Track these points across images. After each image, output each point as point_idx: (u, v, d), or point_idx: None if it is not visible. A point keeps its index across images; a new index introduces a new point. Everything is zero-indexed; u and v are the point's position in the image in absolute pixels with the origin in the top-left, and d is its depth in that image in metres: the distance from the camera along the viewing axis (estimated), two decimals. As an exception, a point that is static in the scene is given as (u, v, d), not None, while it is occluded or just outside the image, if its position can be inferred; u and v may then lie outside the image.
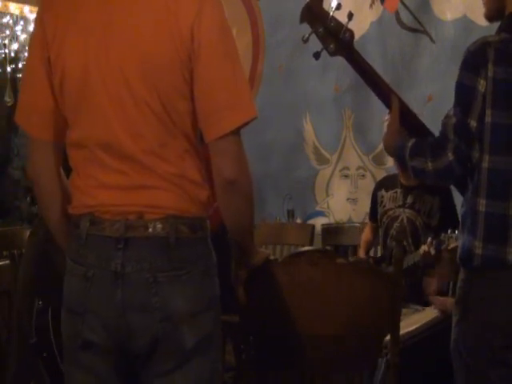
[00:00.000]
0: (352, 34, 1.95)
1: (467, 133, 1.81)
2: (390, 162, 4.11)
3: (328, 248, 3.68)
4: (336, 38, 1.94)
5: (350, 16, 1.93)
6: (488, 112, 1.80)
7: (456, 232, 2.86)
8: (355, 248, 3.83)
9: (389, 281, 1.86)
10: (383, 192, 3.41)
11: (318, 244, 4.04)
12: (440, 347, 2.35)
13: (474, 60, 1.82)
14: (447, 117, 1.86)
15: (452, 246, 2.87)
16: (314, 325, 1.77)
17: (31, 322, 2.09)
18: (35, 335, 2.06)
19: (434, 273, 3.06)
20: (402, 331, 2.05)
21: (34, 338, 2.07)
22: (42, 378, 2.15)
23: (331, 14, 1.92)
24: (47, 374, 2.09)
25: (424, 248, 2.93)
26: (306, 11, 1.96)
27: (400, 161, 2.00)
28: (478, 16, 3.54)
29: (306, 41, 1.96)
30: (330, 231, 4.13)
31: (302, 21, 1.97)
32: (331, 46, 1.95)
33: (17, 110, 1.58)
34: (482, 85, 1.79)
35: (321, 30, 1.94)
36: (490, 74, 1.79)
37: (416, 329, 2.57)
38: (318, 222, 4.38)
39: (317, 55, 1.97)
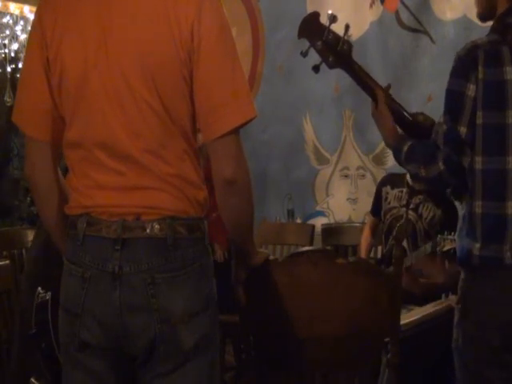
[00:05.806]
0: (350, 45, 1.95)
1: (457, 141, 1.83)
2: (390, 162, 4.12)
3: (328, 248, 3.68)
4: (334, 50, 1.94)
5: (347, 28, 1.94)
6: (479, 114, 1.80)
7: (452, 234, 2.86)
8: (355, 248, 3.83)
9: (389, 281, 1.85)
10: (388, 188, 3.39)
11: (317, 244, 4.04)
12: (438, 340, 2.35)
13: (463, 65, 1.83)
14: (438, 124, 1.87)
15: (447, 247, 2.85)
16: (313, 325, 1.77)
17: (32, 313, 2.10)
18: (34, 326, 2.06)
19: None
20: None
21: (33, 328, 2.07)
22: (42, 373, 2.15)
23: (328, 27, 1.92)
24: (44, 365, 2.10)
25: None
26: (304, 26, 1.96)
27: (398, 163, 2.02)
28: (478, 16, 3.56)
29: (305, 55, 1.95)
30: (330, 231, 4.12)
31: (300, 36, 1.96)
32: (330, 59, 1.95)
33: (14, 110, 1.57)
34: (471, 89, 1.80)
35: (319, 43, 1.94)
36: (480, 75, 1.80)
37: (412, 321, 2.56)
38: (318, 222, 4.38)
39: (316, 68, 1.98)
